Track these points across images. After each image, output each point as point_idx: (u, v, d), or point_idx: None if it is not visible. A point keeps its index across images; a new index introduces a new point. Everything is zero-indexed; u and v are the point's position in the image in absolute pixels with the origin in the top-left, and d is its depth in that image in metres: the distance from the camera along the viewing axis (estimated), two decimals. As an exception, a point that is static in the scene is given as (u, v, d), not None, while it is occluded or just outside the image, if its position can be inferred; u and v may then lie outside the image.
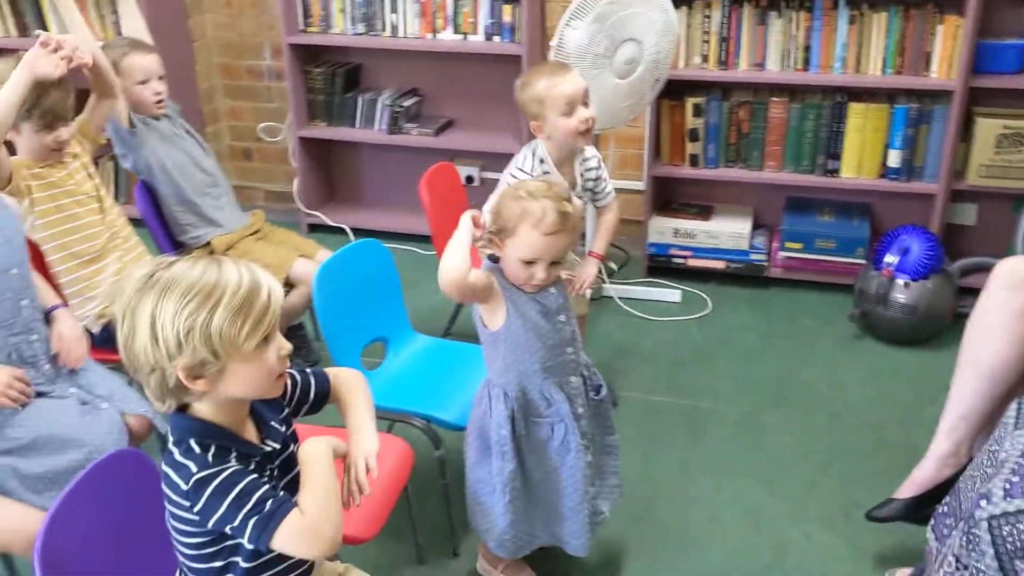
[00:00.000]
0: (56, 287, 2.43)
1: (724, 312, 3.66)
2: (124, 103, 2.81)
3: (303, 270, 2.92)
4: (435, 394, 2.37)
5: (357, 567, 1.77)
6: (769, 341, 3.44)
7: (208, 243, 2.94)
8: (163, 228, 2.95)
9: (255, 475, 1.39)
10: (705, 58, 3.63)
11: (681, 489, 2.69)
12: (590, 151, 2.68)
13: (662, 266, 3.89)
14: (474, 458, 2.16)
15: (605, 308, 3.67)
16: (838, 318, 3.51)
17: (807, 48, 3.52)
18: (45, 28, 4.23)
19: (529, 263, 1.93)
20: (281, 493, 1.40)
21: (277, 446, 1.51)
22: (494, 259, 2.01)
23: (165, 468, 1.40)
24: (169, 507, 1.42)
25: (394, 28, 4.02)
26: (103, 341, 2.47)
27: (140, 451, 1.81)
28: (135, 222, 2.87)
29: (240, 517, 1.35)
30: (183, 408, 1.42)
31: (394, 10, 3.98)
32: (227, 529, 1.38)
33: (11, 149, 2.47)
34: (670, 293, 3.76)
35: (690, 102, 3.68)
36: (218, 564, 1.47)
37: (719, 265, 3.84)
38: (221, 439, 1.40)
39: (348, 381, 1.69)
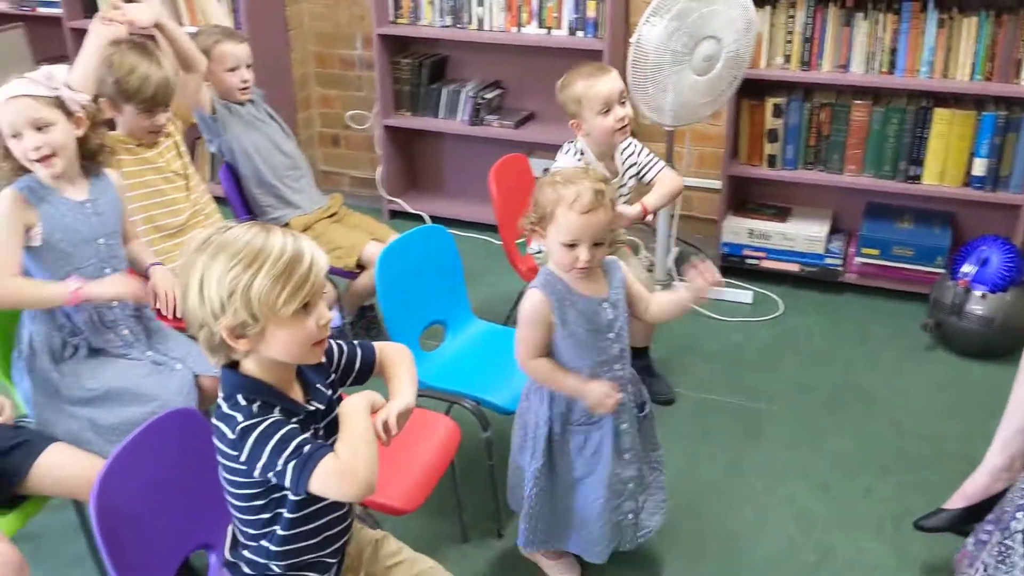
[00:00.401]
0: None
1: (794, 315, 3.62)
2: (208, 91, 2.95)
3: (374, 253, 3.01)
4: (488, 378, 2.44)
5: (402, 540, 1.83)
6: (837, 346, 3.40)
7: (287, 224, 3.06)
8: (245, 207, 3.10)
9: (296, 426, 1.46)
10: (788, 58, 3.60)
11: (730, 488, 2.69)
12: (627, 140, 2.77)
13: (735, 266, 3.87)
14: (517, 445, 2.21)
15: (674, 306, 3.67)
16: (910, 327, 3.44)
17: (893, 51, 3.45)
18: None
19: (571, 246, 1.97)
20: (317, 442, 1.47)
21: (321, 407, 1.58)
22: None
23: (215, 422, 1.49)
24: (220, 460, 1.51)
25: (480, 21, 4.10)
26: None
27: (197, 411, 1.93)
28: (220, 201, 3.04)
29: (280, 462, 1.42)
30: (234, 365, 1.51)
31: (480, 3, 4.06)
32: (270, 476, 1.45)
33: (111, 125, 2.65)
34: (741, 294, 3.73)
35: (770, 102, 3.66)
36: (266, 516, 1.55)
37: (793, 268, 3.80)
38: (267, 395, 1.48)
39: (394, 354, 1.75)
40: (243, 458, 1.45)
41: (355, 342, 1.72)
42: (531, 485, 2.14)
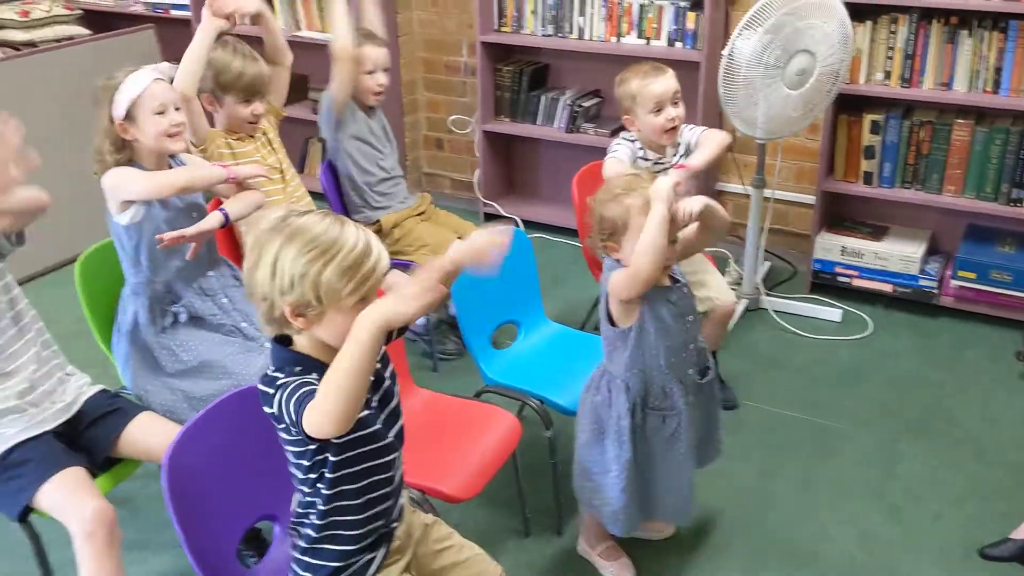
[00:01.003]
0: (240, 247, 2.79)
1: (884, 336, 3.55)
2: (346, 88, 3.10)
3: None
4: (554, 378, 2.50)
5: (465, 530, 1.91)
6: (925, 371, 3.32)
7: (377, 221, 3.20)
8: (340, 202, 3.25)
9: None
10: (888, 74, 3.53)
11: (797, 503, 2.68)
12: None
13: (826, 283, 3.82)
14: (587, 440, 2.25)
15: (759, 320, 3.66)
16: (1004, 355, 3.33)
17: (998, 70, 3.35)
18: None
19: None
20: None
21: (370, 378, 1.64)
22: None
23: (260, 386, 1.58)
24: (273, 422, 1.60)
25: (581, 31, 4.17)
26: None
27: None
28: (315, 195, 3.20)
29: (293, 404, 1.48)
30: (285, 341, 1.61)
31: (582, 13, 4.13)
32: (290, 423, 1.51)
33: (210, 121, 2.84)
34: (830, 312, 3.69)
35: (868, 118, 3.60)
36: (313, 476, 1.64)
37: (886, 288, 3.73)
38: (316, 370, 1.55)
39: None
40: (278, 412, 1.52)
41: None
42: (622, 477, 2.18)
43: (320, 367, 1.55)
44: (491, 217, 4.59)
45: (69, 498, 1.98)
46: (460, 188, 4.93)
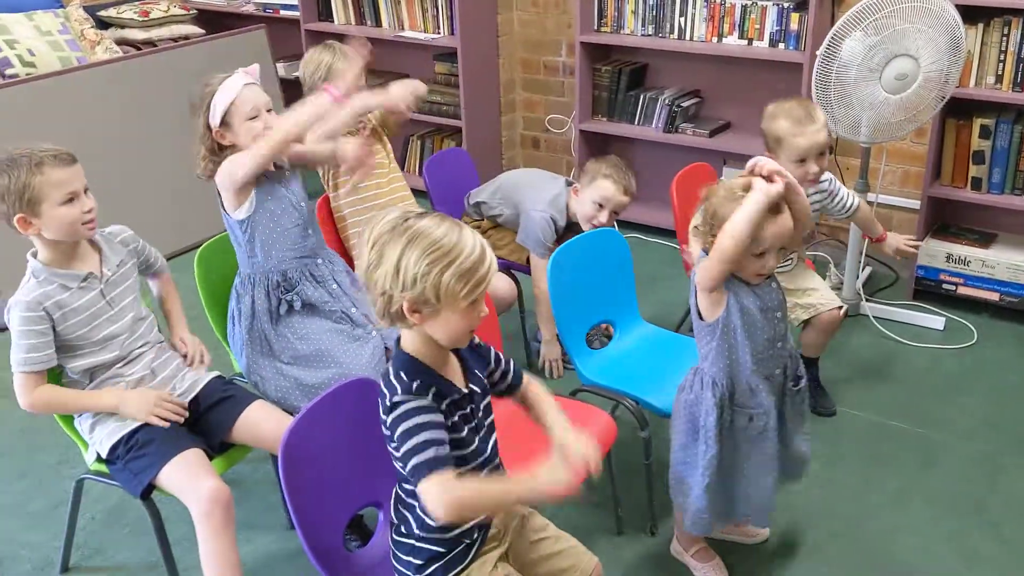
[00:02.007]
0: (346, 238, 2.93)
1: (989, 346, 3.46)
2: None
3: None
4: (649, 379, 2.52)
5: (559, 526, 1.94)
6: (1032, 383, 3.23)
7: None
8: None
9: (439, 416, 1.64)
10: (999, 78, 3.44)
11: (894, 515, 2.64)
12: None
13: (929, 291, 3.74)
14: (681, 440, 2.26)
15: (859, 326, 3.61)
16: (1118, 369, 3.22)
17: (1119, 74, 3.24)
18: (378, 18, 4.82)
19: (760, 254, 2.03)
20: (447, 448, 1.63)
21: (478, 389, 1.76)
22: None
23: (382, 386, 1.68)
24: (380, 413, 1.70)
25: (681, 31, 4.16)
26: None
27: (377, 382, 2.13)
28: (417, 192, 3.28)
29: (404, 449, 1.61)
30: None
31: (683, 13, 4.13)
32: (392, 448, 1.64)
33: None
34: (933, 320, 3.61)
35: (978, 122, 3.51)
36: None
37: (992, 296, 3.63)
38: (425, 375, 1.66)
39: (540, 389, 1.88)
40: (387, 424, 1.65)
41: (511, 360, 1.87)
42: (706, 475, 2.19)
43: (431, 373, 1.66)
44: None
45: (189, 478, 2.10)
46: (555, 186, 4.97)
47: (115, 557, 2.55)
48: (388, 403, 1.65)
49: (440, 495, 1.57)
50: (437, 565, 1.77)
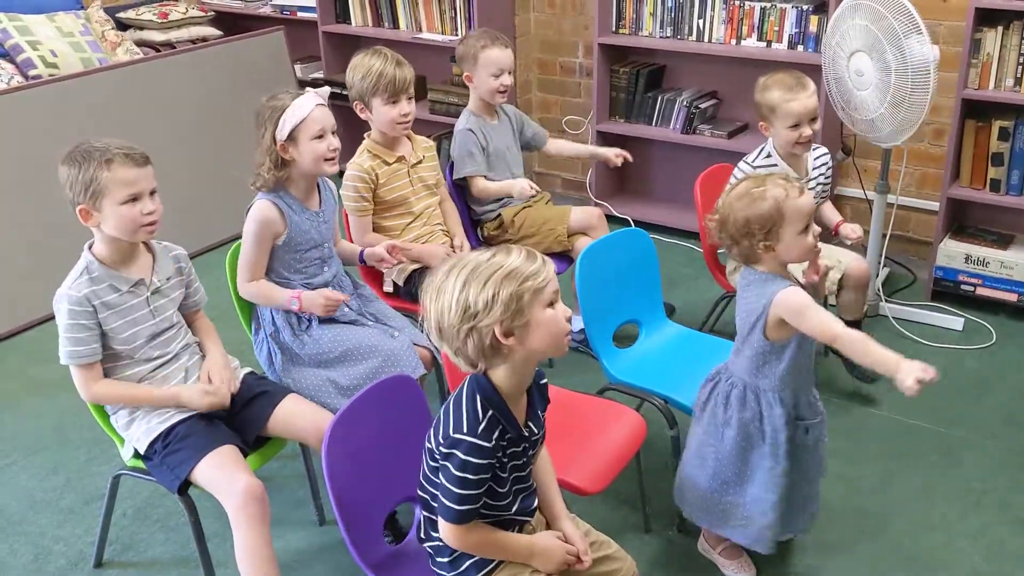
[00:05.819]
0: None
1: (1009, 347, 3.48)
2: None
3: (581, 247, 3.17)
4: (677, 379, 2.54)
5: (588, 522, 1.98)
6: (1052, 383, 3.25)
7: (499, 215, 3.29)
8: (465, 206, 3.33)
9: (491, 465, 1.68)
10: (1018, 80, 3.45)
11: (920, 512, 2.66)
12: (821, 147, 3.01)
13: (948, 292, 3.75)
14: (729, 458, 2.24)
15: (878, 326, 3.62)
16: None
17: None
18: (396, 20, 4.84)
19: (804, 231, 2.07)
20: (482, 499, 1.71)
21: (536, 432, 1.80)
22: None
23: (450, 402, 1.71)
24: (435, 425, 1.73)
25: (699, 33, 4.19)
26: (406, 294, 2.92)
27: (415, 380, 2.15)
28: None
29: (444, 486, 1.68)
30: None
31: (701, 16, 4.15)
32: (432, 474, 1.74)
33: (368, 127, 2.97)
34: (952, 320, 3.62)
35: (997, 124, 3.52)
36: None
37: (1010, 297, 3.64)
38: (498, 409, 1.69)
39: (545, 453, 1.93)
40: (438, 451, 1.70)
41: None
42: (776, 490, 2.19)
43: (504, 409, 1.70)
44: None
45: (223, 474, 2.12)
46: (571, 187, 5.00)
47: (147, 552, 2.57)
48: (450, 431, 1.67)
49: (457, 540, 1.74)
50: (470, 562, 1.80)
